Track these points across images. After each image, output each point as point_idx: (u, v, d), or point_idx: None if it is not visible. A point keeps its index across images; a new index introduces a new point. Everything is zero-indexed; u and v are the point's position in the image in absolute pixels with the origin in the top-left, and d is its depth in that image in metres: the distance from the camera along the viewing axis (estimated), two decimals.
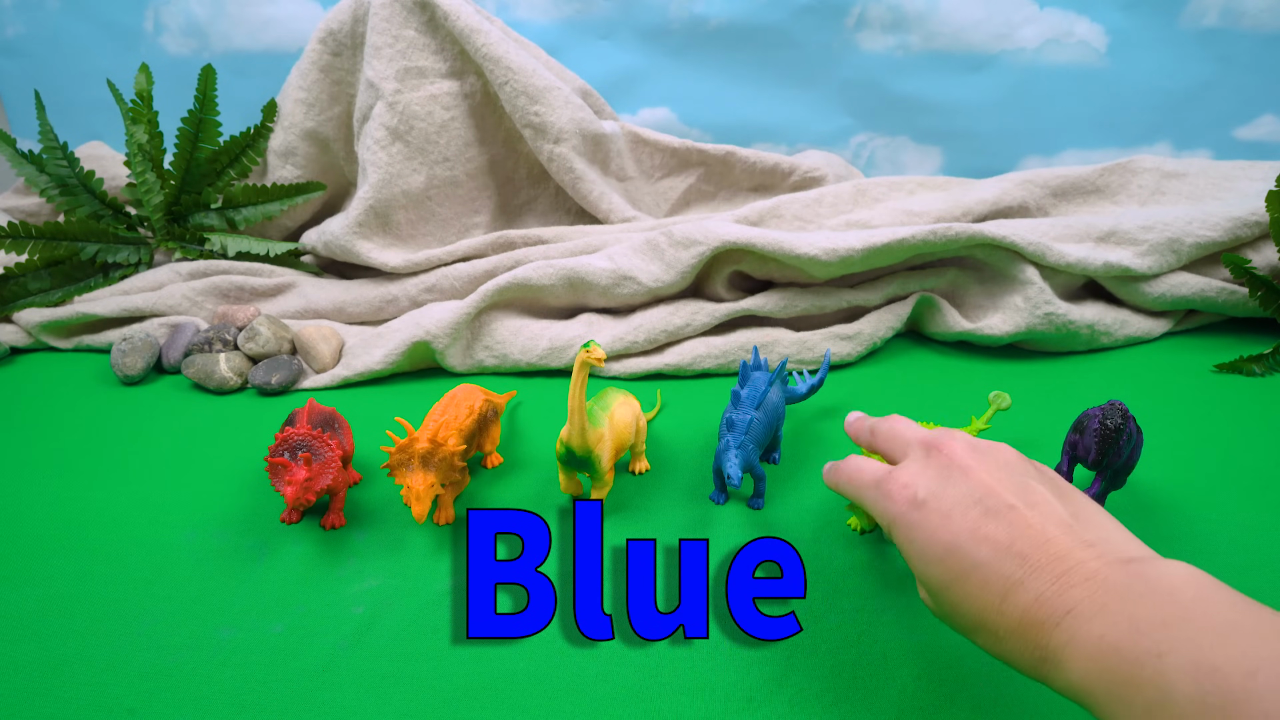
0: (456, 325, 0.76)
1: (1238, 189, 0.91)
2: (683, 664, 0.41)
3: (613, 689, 0.39)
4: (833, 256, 0.76)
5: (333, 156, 0.99)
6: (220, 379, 0.75)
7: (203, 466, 0.61)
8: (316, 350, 0.78)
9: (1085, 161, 1.22)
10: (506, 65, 0.88)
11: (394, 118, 0.88)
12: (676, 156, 1.05)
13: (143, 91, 0.95)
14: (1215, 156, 1.21)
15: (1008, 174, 0.95)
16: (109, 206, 0.95)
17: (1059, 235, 0.82)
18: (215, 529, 0.53)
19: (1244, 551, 0.49)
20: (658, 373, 0.77)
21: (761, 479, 0.53)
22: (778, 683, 0.39)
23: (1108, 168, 0.95)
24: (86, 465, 0.62)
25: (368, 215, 0.89)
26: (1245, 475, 0.58)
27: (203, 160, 0.95)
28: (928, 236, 0.77)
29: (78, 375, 0.79)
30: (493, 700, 0.39)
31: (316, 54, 0.94)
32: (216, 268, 0.91)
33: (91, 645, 0.43)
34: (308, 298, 0.88)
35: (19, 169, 0.92)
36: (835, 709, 0.38)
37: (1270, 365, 0.75)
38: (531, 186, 1.01)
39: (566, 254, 0.88)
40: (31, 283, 0.87)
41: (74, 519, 0.55)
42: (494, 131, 0.96)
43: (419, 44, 0.89)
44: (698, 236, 0.79)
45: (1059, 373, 0.76)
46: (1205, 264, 0.83)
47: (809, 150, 1.15)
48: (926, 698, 0.38)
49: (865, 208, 0.94)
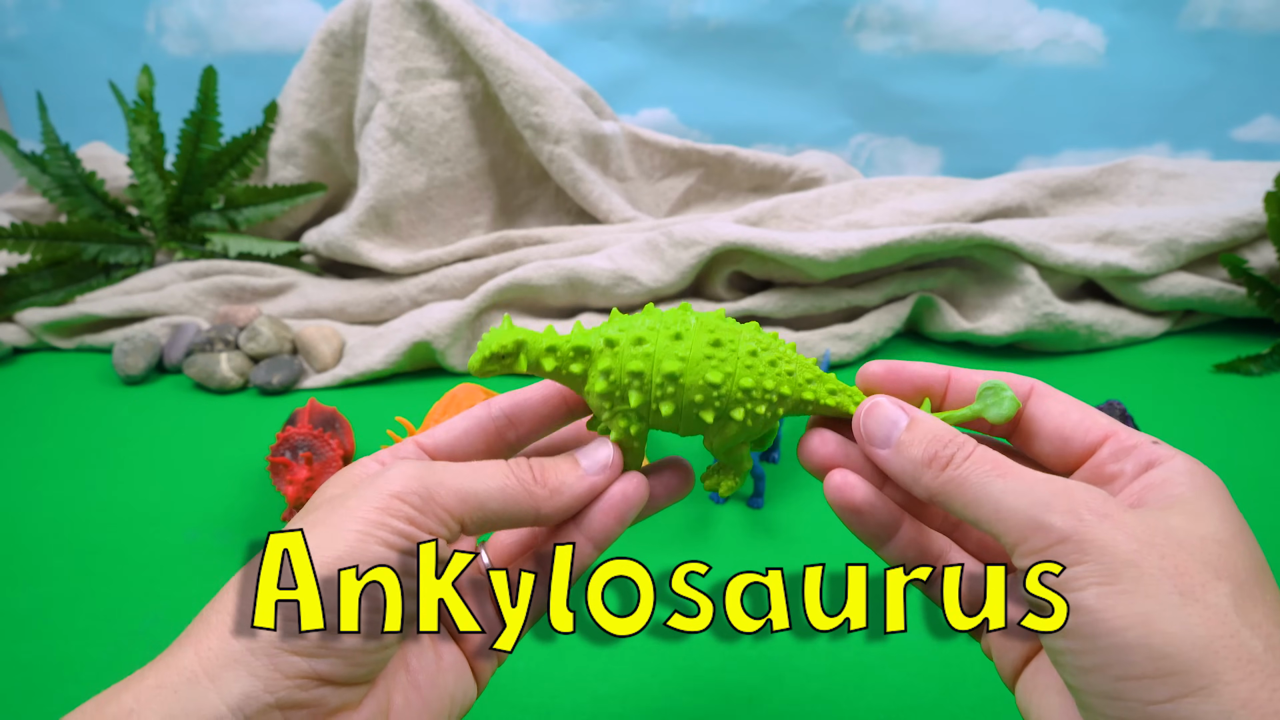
0: (457, 325, 0.76)
1: (1236, 190, 0.91)
2: (683, 664, 0.41)
3: (613, 688, 0.39)
4: (832, 257, 0.76)
5: (334, 157, 0.99)
6: (222, 379, 0.75)
7: (204, 466, 0.62)
8: (317, 350, 0.78)
9: (1084, 162, 1.22)
10: (507, 66, 0.88)
11: (395, 118, 0.88)
12: (676, 157, 1.05)
13: (144, 92, 0.95)
14: (1213, 157, 1.21)
15: (1006, 174, 0.95)
16: (111, 207, 0.95)
17: (1058, 235, 0.83)
18: (216, 529, 0.53)
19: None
20: None
21: (761, 479, 0.54)
22: (777, 682, 0.40)
23: (1106, 168, 0.95)
24: (87, 465, 0.62)
25: (368, 215, 0.89)
26: (1244, 475, 0.58)
27: (204, 161, 0.95)
28: (927, 237, 0.77)
29: (79, 375, 0.79)
30: (493, 700, 0.39)
31: (317, 55, 0.94)
32: (218, 268, 0.91)
33: (91, 645, 0.43)
34: (309, 298, 0.88)
35: (21, 170, 0.92)
36: (835, 709, 0.38)
37: (1268, 365, 0.75)
38: (532, 187, 1.01)
39: (567, 254, 0.88)
40: (33, 283, 0.87)
41: (74, 519, 0.55)
42: (494, 132, 0.96)
43: (420, 45, 0.90)
44: (698, 236, 0.79)
45: (1057, 373, 0.76)
46: (1203, 264, 0.83)
47: (808, 151, 1.15)
48: (926, 697, 0.38)
49: (865, 208, 0.94)
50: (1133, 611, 0.19)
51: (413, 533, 0.22)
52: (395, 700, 0.23)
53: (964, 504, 0.22)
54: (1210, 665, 0.18)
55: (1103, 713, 0.20)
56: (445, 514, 0.22)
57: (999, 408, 0.25)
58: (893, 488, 0.26)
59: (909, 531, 0.26)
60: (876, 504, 0.25)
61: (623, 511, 0.26)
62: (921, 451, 0.23)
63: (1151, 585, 0.19)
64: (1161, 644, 0.18)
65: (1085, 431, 0.24)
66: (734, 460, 0.28)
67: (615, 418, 0.26)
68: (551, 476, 0.25)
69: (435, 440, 0.27)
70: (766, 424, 0.26)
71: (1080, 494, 0.21)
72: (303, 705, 0.20)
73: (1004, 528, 0.21)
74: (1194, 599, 0.19)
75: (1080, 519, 0.20)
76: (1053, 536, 0.20)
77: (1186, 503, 0.21)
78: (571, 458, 0.26)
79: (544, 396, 0.27)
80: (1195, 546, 0.20)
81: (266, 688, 0.20)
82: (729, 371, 0.25)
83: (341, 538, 0.21)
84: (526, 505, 0.24)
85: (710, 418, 0.25)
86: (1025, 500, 0.21)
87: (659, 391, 0.25)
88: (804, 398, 0.26)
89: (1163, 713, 0.18)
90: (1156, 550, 0.19)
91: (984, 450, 0.23)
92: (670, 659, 0.41)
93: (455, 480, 0.23)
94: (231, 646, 0.20)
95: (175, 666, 0.20)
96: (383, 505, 0.22)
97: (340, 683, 0.21)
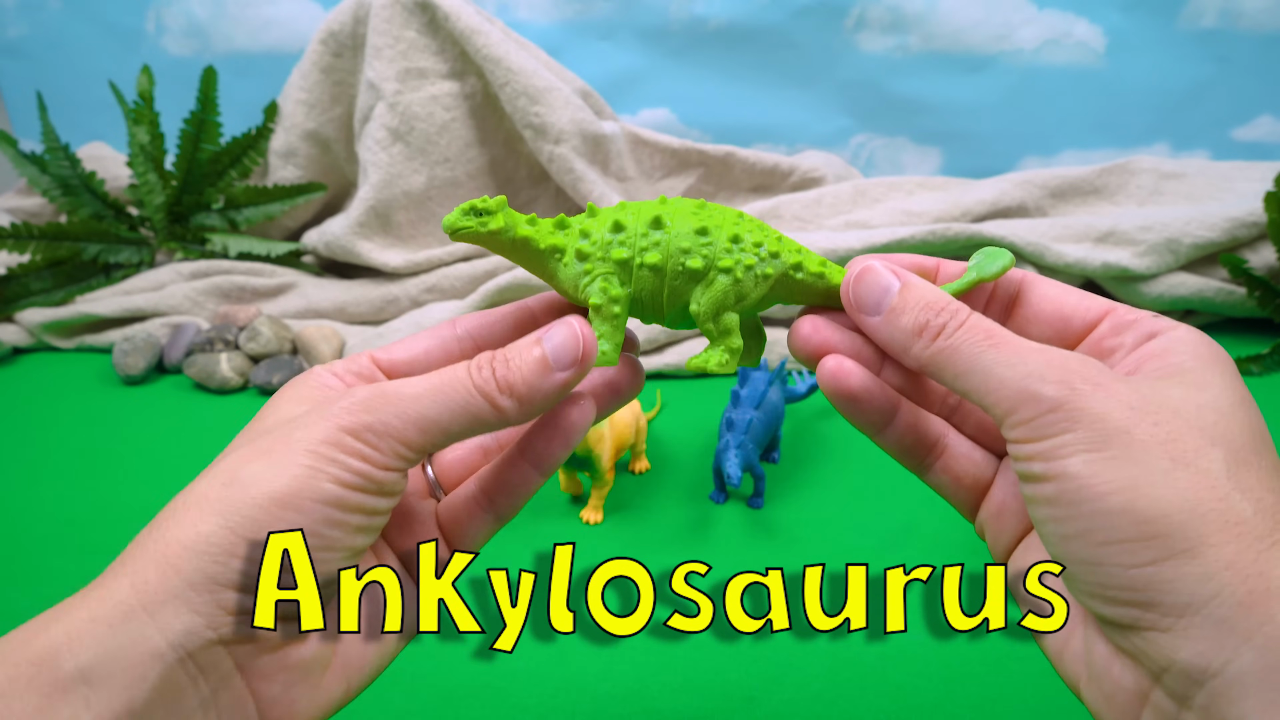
0: None
1: (1235, 190, 0.91)
2: (683, 664, 0.41)
3: (613, 688, 0.39)
4: (832, 257, 0.76)
5: (334, 157, 0.99)
6: (222, 379, 0.75)
7: (204, 466, 0.61)
8: (317, 350, 0.78)
9: (1084, 162, 1.22)
10: (507, 66, 0.89)
11: (395, 118, 0.88)
12: (676, 157, 1.05)
13: (144, 92, 0.95)
14: (1213, 157, 1.21)
15: (1006, 174, 0.95)
16: (111, 207, 0.95)
17: (1058, 235, 0.83)
18: None
19: None
20: (658, 373, 0.78)
21: (761, 478, 0.54)
22: (777, 682, 0.40)
23: (1106, 168, 0.95)
24: (87, 465, 0.62)
25: (369, 215, 0.89)
26: None
27: (204, 161, 0.95)
28: (927, 237, 0.77)
29: (79, 375, 0.79)
30: (493, 699, 0.39)
31: (317, 55, 0.94)
32: (218, 268, 0.91)
33: None
34: (309, 298, 0.88)
35: (21, 170, 0.92)
36: (835, 708, 0.38)
37: (1268, 365, 0.75)
38: (532, 187, 1.01)
39: None
40: (34, 283, 0.87)
41: (74, 519, 0.55)
42: (494, 132, 0.96)
43: (420, 45, 0.90)
44: None
45: None
46: (1203, 264, 0.83)
47: (808, 151, 1.15)
48: (926, 697, 0.38)
49: (864, 208, 0.94)
50: (1120, 476, 0.18)
51: (365, 470, 0.21)
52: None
53: (955, 374, 0.21)
54: (1196, 528, 0.18)
55: (1085, 580, 0.19)
56: (401, 445, 0.21)
57: (994, 263, 0.24)
58: (889, 372, 0.25)
59: (906, 416, 0.25)
60: (873, 389, 0.24)
61: (569, 438, 0.24)
62: (913, 320, 0.22)
63: (1141, 451, 0.18)
64: (1146, 507, 0.18)
65: (1085, 310, 0.23)
66: (723, 330, 0.25)
67: (595, 279, 0.24)
68: (517, 379, 0.22)
69: (393, 357, 0.25)
70: (755, 285, 0.25)
71: (1074, 364, 0.20)
72: (247, 641, 0.19)
73: (994, 398, 0.20)
74: (1185, 464, 0.18)
75: (1073, 388, 0.19)
76: (1043, 406, 0.19)
77: (1187, 372, 0.20)
78: (536, 346, 0.23)
79: (513, 316, 0.26)
80: (1192, 414, 0.19)
81: (209, 624, 0.19)
82: (716, 224, 0.24)
83: (289, 470, 0.20)
84: (491, 419, 0.22)
85: (698, 264, 0.24)
86: (1017, 371, 0.20)
87: (643, 241, 0.24)
88: (792, 260, 0.25)
89: (1143, 576, 0.18)
90: (1150, 417, 0.19)
91: (977, 318, 0.22)
92: (670, 659, 0.41)
93: (412, 407, 0.21)
94: (171, 581, 0.19)
95: (110, 600, 0.18)
96: (333, 439, 0.20)
97: (285, 617, 0.20)
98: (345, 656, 0.22)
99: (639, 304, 0.25)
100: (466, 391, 0.22)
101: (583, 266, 0.24)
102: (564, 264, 0.25)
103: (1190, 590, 0.18)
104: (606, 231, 0.24)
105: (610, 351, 0.24)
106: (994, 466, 0.25)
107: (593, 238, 0.24)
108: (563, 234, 0.25)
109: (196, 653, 0.19)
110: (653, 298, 0.25)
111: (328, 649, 0.22)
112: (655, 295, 0.25)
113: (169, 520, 0.20)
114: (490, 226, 0.24)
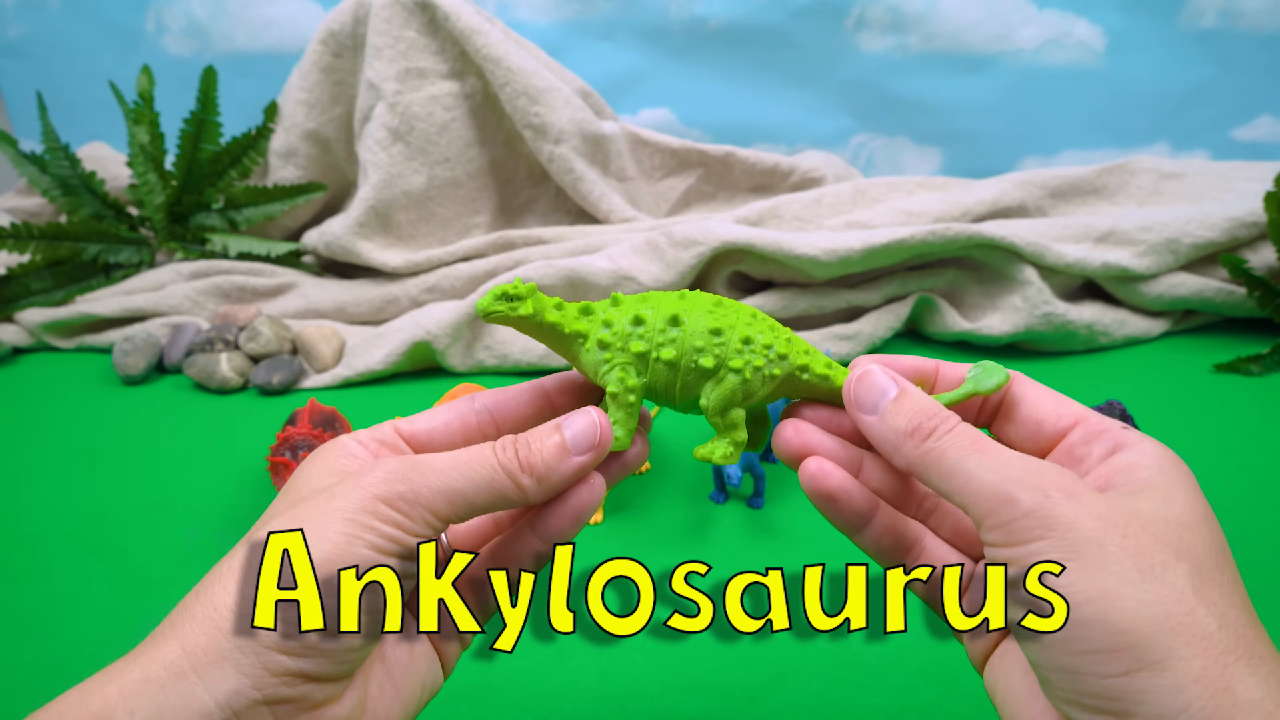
0: (457, 325, 0.76)
1: (1235, 190, 0.91)
2: (683, 664, 0.41)
3: (613, 688, 0.39)
4: (832, 257, 0.77)
5: (334, 157, 0.99)
6: (222, 379, 0.75)
7: (204, 466, 0.62)
8: (317, 350, 0.78)
9: (1084, 162, 1.22)
10: (507, 66, 0.89)
11: (395, 118, 0.88)
12: (676, 157, 1.05)
13: (144, 92, 0.95)
14: (1213, 157, 1.21)
15: (1006, 174, 0.95)
16: (111, 207, 0.95)
17: (1058, 235, 0.83)
18: (216, 529, 0.53)
19: (1243, 551, 0.49)
20: None
21: (761, 479, 0.54)
22: (777, 682, 0.40)
23: (1106, 168, 0.95)
24: (87, 465, 0.62)
25: (368, 215, 0.89)
26: (1243, 474, 0.58)
27: (204, 161, 0.95)
28: (927, 237, 0.77)
29: (79, 375, 0.79)
30: (493, 700, 0.39)
31: (317, 55, 0.94)
32: (218, 268, 0.91)
33: (91, 645, 0.43)
34: (309, 298, 0.88)
35: (21, 170, 0.92)
36: (835, 708, 0.38)
37: (1268, 365, 0.75)
38: (532, 187, 1.01)
39: (567, 254, 0.88)
40: (34, 283, 0.87)
41: (74, 519, 0.55)
42: (494, 132, 0.96)
43: (420, 45, 0.90)
44: (698, 237, 0.79)
45: (1057, 373, 0.76)
46: (1203, 264, 0.83)
47: (808, 151, 1.15)
48: (926, 697, 0.38)
49: (864, 208, 0.94)
50: (1092, 587, 0.19)
51: (399, 536, 0.22)
52: (372, 690, 0.23)
53: (939, 475, 0.22)
54: (1165, 641, 0.18)
55: (1061, 687, 0.20)
56: (430, 515, 0.23)
57: (990, 378, 0.26)
58: (868, 475, 0.27)
59: (884, 518, 0.26)
60: (851, 490, 0.25)
61: (579, 516, 0.26)
62: (906, 422, 0.24)
63: (1112, 562, 0.19)
64: (1118, 619, 0.19)
65: (1058, 417, 0.25)
66: (729, 425, 0.27)
67: (614, 369, 0.26)
68: (538, 460, 0.24)
69: (414, 428, 0.27)
70: (763, 384, 0.27)
71: (1050, 473, 0.21)
72: (289, 701, 0.20)
73: (973, 500, 0.21)
74: (1153, 577, 0.19)
75: (1047, 495, 0.20)
76: (1018, 511, 0.20)
77: (1154, 487, 0.21)
78: (556, 432, 0.25)
79: (529, 395, 0.27)
80: (1158, 528, 0.20)
81: (255, 685, 0.20)
82: (730, 324, 0.26)
83: (329, 537, 0.21)
84: (513, 496, 0.24)
85: (710, 363, 0.26)
86: (996, 475, 0.21)
87: (660, 338, 0.26)
88: (799, 362, 0.27)
89: (1117, 686, 0.19)
90: (1119, 530, 0.20)
91: (965, 427, 0.23)
92: (670, 659, 0.41)
93: (440, 480, 0.23)
94: (220, 643, 0.20)
95: (160, 661, 0.20)
96: (369, 507, 0.22)
97: (325, 679, 0.21)
98: (375, 716, 0.23)
99: (653, 393, 0.27)
100: (491, 469, 0.24)
101: (603, 355, 0.26)
102: (586, 349, 0.26)
103: (1163, 702, 0.18)
104: (627, 323, 0.26)
105: (624, 437, 0.26)
106: (971, 569, 0.26)
107: (614, 328, 0.26)
108: (587, 320, 0.27)
109: (242, 712, 0.20)
110: (666, 389, 0.27)
111: (359, 709, 0.23)
112: (669, 387, 0.26)
113: (215, 585, 0.21)
114: (520, 312, 0.26)
